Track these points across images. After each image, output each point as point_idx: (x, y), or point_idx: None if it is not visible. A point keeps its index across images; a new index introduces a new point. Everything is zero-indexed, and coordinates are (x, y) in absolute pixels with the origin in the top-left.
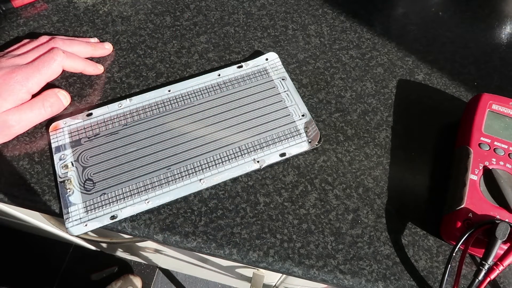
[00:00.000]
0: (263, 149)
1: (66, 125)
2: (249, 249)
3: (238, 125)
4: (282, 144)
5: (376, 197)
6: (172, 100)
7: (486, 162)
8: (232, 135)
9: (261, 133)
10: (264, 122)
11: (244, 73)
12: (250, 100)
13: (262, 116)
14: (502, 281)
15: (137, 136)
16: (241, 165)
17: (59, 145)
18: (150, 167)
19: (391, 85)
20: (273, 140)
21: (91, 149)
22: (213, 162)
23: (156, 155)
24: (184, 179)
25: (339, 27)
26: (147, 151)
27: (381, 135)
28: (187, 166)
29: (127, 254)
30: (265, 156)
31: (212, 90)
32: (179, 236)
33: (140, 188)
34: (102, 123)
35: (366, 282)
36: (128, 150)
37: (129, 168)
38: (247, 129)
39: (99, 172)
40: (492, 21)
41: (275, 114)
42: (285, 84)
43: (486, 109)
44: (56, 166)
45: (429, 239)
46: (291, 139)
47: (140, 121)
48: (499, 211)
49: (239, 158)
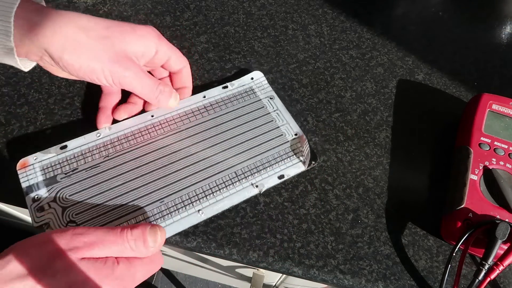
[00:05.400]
0: (261, 173)
1: (37, 160)
2: (249, 249)
3: (231, 149)
4: (279, 165)
5: (376, 197)
6: (156, 125)
7: (486, 162)
8: (226, 159)
9: (256, 156)
10: (258, 144)
11: (231, 93)
12: (240, 122)
13: (254, 137)
14: (502, 281)
15: (122, 168)
16: (240, 191)
17: (30, 184)
18: (141, 201)
19: (391, 85)
20: (269, 162)
21: (70, 186)
22: (210, 190)
23: (147, 187)
24: (180, 212)
25: (339, 27)
26: (136, 184)
27: (381, 135)
28: (183, 197)
29: None
30: (263, 179)
31: (198, 113)
32: (179, 236)
33: (138, 221)
34: (80, 156)
35: (366, 282)
36: (114, 184)
37: (117, 203)
38: (241, 152)
39: (83, 211)
40: (492, 21)
41: (268, 135)
42: (274, 103)
43: (486, 109)
44: (29, 210)
45: (429, 239)
46: (287, 160)
47: (123, 150)
48: (499, 211)
49: (237, 184)
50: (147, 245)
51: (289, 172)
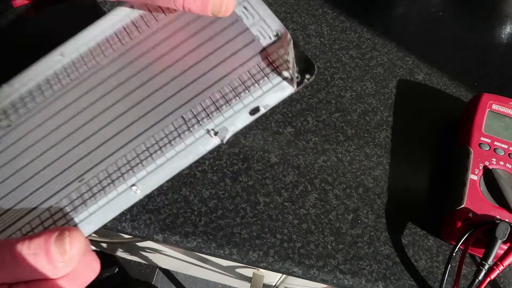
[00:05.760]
0: (222, 111)
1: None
2: (249, 249)
3: (173, 82)
4: (251, 92)
5: (376, 197)
6: (69, 68)
7: (486, 162)
8: (167, 99)
9: (212, 85)
10: (213, 65)
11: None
12: (185, 36)
13: (208, 56)
14: (502, 281)
15: (29, 139)
16: (191, 146)
17: None
18: (55, 184)
19: (391, 85)
20: (233, 90)
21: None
22: (147, 152)
23: (61, 162)
24: (107, 191)
25: (339, 27)
26: (46, 159)
27: (381, 135)
28: (109, 170)
29: (127, 254)
30: (225, 121)
31: (123, 37)
32: (179, 236)
33: (44, 220)
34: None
35: (366, 282)
36: (19, 164)
37: (26, 192)
38: (188, 84)
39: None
40: (492, 21)
41: (230, 46)
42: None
43: (486, 109)
44: None
45: (429, 239)
46: (262, 81)
47: (28, 114)
48: (499, 211)
49: (186, 135)
50: (53, 260)
51: (267, 100)
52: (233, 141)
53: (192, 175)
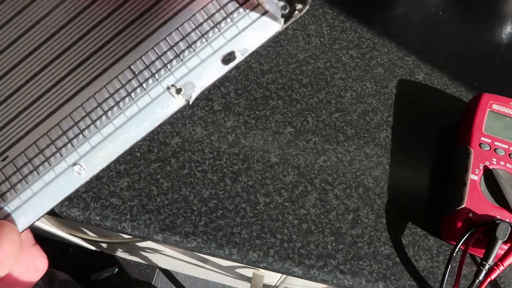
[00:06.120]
0: (184, 58)
1: None
2: (249, 249)
3: (112, 19)
4: (222, 33)
5: (376, 197)
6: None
7: (487, 162)
8: (105, 45)
9: (168, 21)
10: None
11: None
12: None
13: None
14: (503, 281)
15: None
16: (147, 109)
17: None
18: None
19: (391, 85)
20: (197, 31)
21: None
22: (89, 119)
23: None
24: (41, 172)
25: (339, 27)
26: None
27: (381, 135)
28: (39, 144)
29: (127, 254)
30: (190, 73)
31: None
32: (179, 236)
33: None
34: None
35: (366, 282)
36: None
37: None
38: (135, 20)
39: None
40: (492, 21)
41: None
42: None
43: (486, 109)
44: None
45: (429, 239)
46: (237, 14)
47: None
48: (499, 211)
49: (138, 94)
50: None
51: (244, 43)
52: (233, 141)
53: (192, 175)
